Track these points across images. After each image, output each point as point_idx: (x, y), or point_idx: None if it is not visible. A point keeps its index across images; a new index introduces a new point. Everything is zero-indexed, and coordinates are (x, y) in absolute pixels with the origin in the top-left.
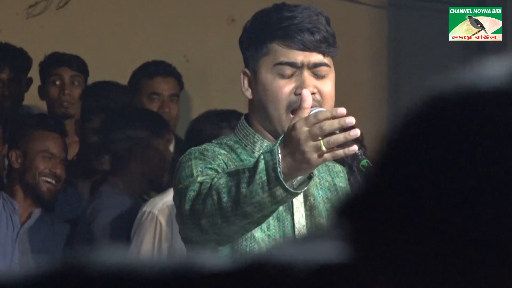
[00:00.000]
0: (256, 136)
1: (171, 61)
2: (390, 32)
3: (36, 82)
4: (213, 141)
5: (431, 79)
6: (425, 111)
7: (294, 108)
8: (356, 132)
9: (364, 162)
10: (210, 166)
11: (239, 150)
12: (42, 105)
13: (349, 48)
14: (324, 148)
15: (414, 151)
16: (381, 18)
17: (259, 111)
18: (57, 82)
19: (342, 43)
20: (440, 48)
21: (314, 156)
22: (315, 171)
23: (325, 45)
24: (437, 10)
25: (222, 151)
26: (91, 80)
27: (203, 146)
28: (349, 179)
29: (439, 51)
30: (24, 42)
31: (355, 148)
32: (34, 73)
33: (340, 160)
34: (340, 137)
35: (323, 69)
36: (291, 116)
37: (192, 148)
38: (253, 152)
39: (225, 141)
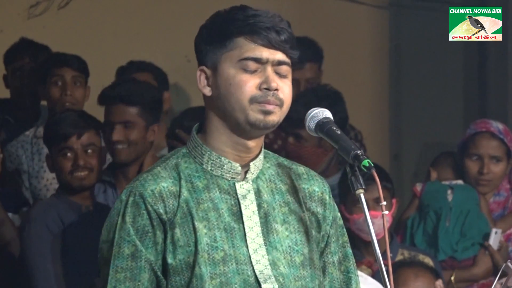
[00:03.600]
0: (203, 148)
1: (173, 61)
2: (391, 32)
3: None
4: (162, 161)
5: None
6: None
7: (258, 101)
8: None
9: (366, 162)
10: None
11: (185, 165)
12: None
13: (351, 48)
14: None
15: None
16: (382, 18)
17: (218, 107)
18: (59, 83)
19: (343, 42)
20: (440, 48)
21: None
22: (266, 181)
23: (289, 46)
24: (437, 10)
25: (164, 185)
26: (91, 80)
27: (142, 190)
28: (350, 179)
29: (439, 51)
30: None
31: None
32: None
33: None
34: None
35: (285, 68)
36: (256, 105)
37: (130, 195)
38: (202, 164)
39: (173, 158)
